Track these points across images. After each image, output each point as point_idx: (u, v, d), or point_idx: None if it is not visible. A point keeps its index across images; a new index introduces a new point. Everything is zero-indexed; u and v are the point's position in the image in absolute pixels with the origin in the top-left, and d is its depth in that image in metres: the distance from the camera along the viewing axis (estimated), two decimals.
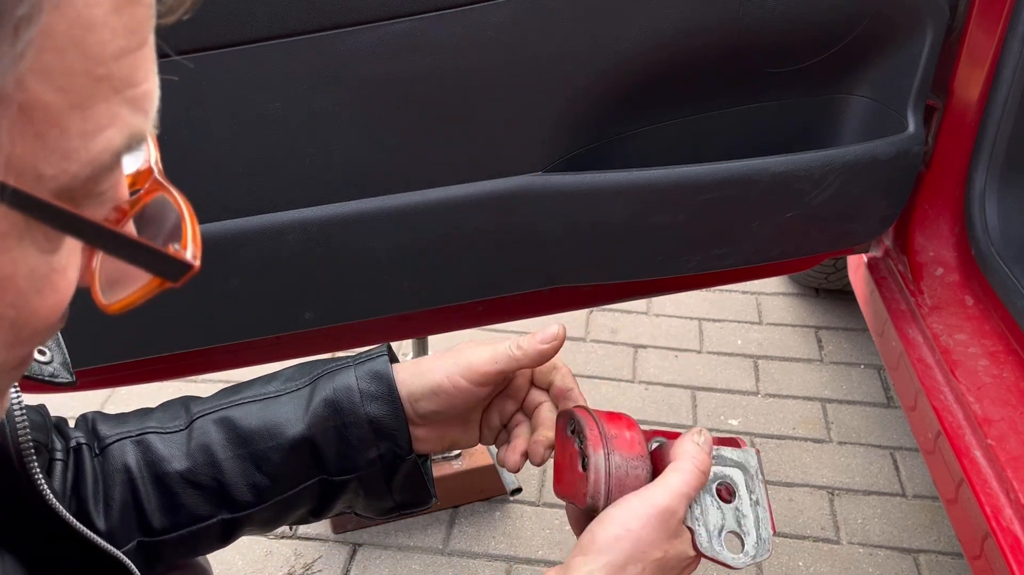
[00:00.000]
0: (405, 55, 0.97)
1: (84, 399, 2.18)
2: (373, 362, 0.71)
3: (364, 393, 0.69)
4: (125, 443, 0.70)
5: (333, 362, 0.73)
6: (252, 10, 0.91)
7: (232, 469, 0.68)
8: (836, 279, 2.39)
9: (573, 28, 1.00)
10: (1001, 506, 1.10)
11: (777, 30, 1.07)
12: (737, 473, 0.69)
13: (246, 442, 0.69)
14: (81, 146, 0.30)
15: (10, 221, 0.29)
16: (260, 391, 0.72)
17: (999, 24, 1.23)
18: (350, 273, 1.11)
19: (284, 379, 0.73)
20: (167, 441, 0.69)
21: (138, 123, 0.32)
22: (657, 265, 1.22)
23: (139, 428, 0.71)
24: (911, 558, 1.79)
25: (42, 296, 0.32)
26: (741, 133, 1.21)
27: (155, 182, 0.38)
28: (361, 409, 0.69)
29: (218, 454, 0.69)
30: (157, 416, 0.72)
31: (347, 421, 0.69)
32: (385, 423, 0.69)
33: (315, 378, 0.72)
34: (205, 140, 0.97)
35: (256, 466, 0.69)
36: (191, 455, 0.69)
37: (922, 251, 1.42)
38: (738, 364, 2.32)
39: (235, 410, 0.70)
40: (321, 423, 0.69)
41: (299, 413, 0.69)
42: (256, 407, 0.70)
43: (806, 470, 2.00)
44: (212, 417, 0.70)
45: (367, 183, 1.05)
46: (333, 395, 0.69)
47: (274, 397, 0.71)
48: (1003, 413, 1.20)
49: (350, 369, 0.71)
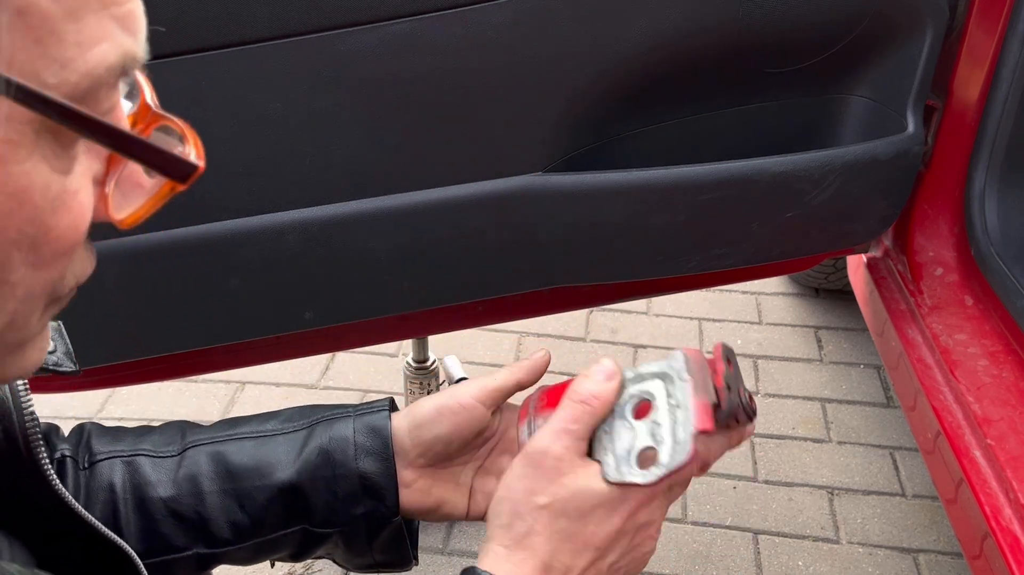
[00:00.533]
0: (405, 55, 0.97)
1: (84, 399, 2.18)
2: (373, 415, 0.70)
3: (359, 447, 0.68)
4: (115, 462, 0.69)
5: (334, 409, 0.72)
6: (252, 10, 0.91)
7: (215, 503, 0.68)
8: (836, 279, 2.39)
9: (573, 28, 1.00)
10: (1001, 506, 1.10)
11: (777, 30, 1.07)
12: (657, 384, 0.60)
13: (233, 478, 0.68)
14: (78, 55, 0.32)
15: (20, 131, 0.31)
16: (257, 428, 0.71)
17: (999, 24, 1.23)
18: (350, 273, 1.11)
19: (283, 419, 0.72)
20: (157, 465, 0.69)
21: (129, 44, 0.35)
22: (657, 265, 1.22)
23: (132, 449, 0.70)
24: (911, 558, 1.79)
25: (57, 216, 0.34)
26: (741, 133, 1.21)
27: (155, 115, 0.41)
28: (354, 463, 0.68)
29: (203, 486, 0.68)
30: (153, 439, 0.72)
31: (338, 473, 0.68)
32: (375, 480, 0.68)
33: (313, 423, 0.71)
34: (205, 140, 0.96)
35: (239, 504, 0.68)
36: (177, 483, 0.68)
37: (922, 251, 1.42)
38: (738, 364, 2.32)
39: (229, 444, 0.70)
40: (311, 471, 0.68)
41: (291, 457, 0.68)
42: (250, 444, 0.70)
43: (806, 470, 2.00)
44: (205, 448, 0.70)
45: (367, 183, 1.05)
46: (328, 444, 0.68)
47: (269, 436, 0.70)
48: (1003, 413, 1.20)
49: (349, 420, 0.70)
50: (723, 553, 1.81)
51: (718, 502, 1.92)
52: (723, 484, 1.96)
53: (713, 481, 1.96)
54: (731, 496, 1.93)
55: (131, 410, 2.17)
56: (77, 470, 0.69)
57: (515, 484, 0.59)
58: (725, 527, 1.86)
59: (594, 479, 0.58)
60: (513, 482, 0.59)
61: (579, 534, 0.57)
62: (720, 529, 1.86)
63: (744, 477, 1.98)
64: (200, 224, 1.02)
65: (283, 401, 2.18)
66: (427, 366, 1.76)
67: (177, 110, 1.07)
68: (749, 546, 1.82)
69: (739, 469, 2.00)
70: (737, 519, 1.88)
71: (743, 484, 1.96)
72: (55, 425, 0.73)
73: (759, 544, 1.82)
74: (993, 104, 1.28)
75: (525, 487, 0.58)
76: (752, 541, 1.83)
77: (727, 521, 1.88)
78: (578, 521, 0.57)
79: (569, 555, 0.57)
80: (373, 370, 2.30)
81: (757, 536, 1.84)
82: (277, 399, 2.19)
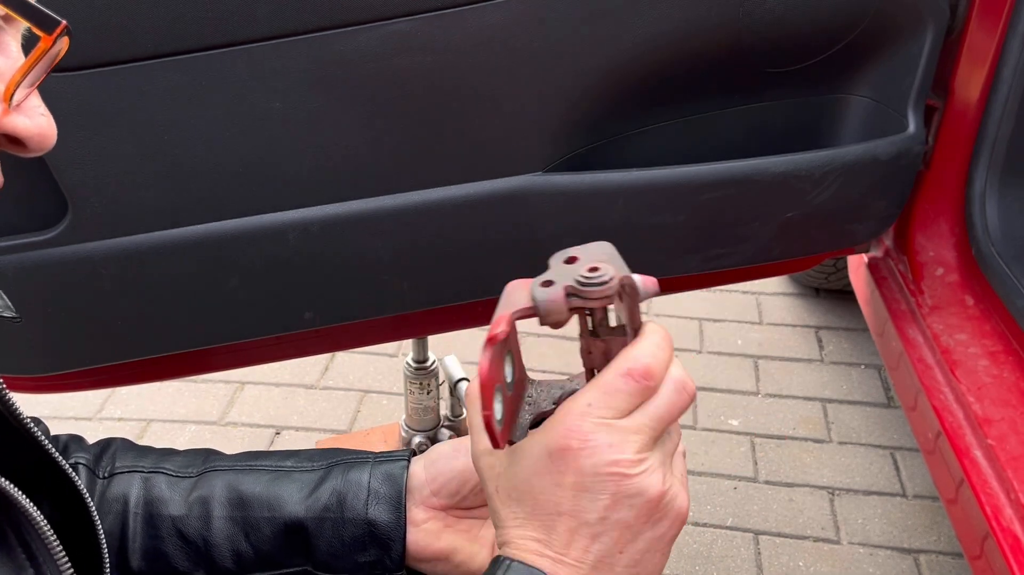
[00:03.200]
0: (405, 55, 0.97)
1: (84, 399, 2.18)
2: (391, 464, 0.69)
3: (373, 493, 0.67)
4: (135, 476, 0.70)
5: (356, 454, 0.71)
6: (252, 10, 0.91)
7: (221, 530, 0.67)
8: (836, 279, 2.39)
9: (573, 28, 1.00)
10: (1001, 506, 1.10)
11: (777, 30, 1.07)
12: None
13: (243, 506, 0.68)
14: None
15: None
16: (277, 463, 0.71)
17: (999, 24, 1.23)
18: (350, 273, 1.11)
19: (303, 457, 0.72)
20: (173, 484, 0.69)
21: None
22: (657, 265, 1.22)
23: (153, 466, 0.71)
24: (911, 558, 1.79)
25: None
26: (741, 133, 1.21)
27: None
28: (364, 508, 0.67)
29: (213, 511, 0.68)
30: (176, 459, 0.72)
31: (347, 516, 0.67)
32: (383, 530, 0.66)
33: (331, 464, 0.70)
34: (206, 140, 0.97)
35: (245, 533, 0.67)
36: (189, 504, 0.68)
37: (922, 251, 1.42)
38: (738, 364, 2.32)
39: (246, 474, 0.70)
40: (320, 511, 0.67)
41: (303, 494, 0.68)
42: (266, 476, 0.70)
43: (806, 470, 1.99)
44: (223, 474, 0.70)
45: (367, 183, 1.05)
46: (342, 487, 0.68)
47: (287, 471, 0.70)
48: (1003, 413, 1.20)
49: (367, 466, 0.69)
50: (723, 553, 1.81)
51: (718, 502, 1.92)
52: (723, 484, 1.96)
53: (713, 481, 1.96)
54: (731, 496, 1.93)
55: (131, 410, 2.17)
56: (93, 478, 0.69)
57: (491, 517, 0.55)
58: (726, 527, 1.86)
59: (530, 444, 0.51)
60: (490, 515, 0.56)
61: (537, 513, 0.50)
62: (720, 529, 1.86)
63: (744, 477, 1.98)
64: (200, 224, 1.02)
65: (283, 401, 2.18)
66: (427, 366, 1.76)
67: (177, 110, 1.07)
68: (750, 546, 1.82)
69: (739, 469, 2.00)
70: (737, 519, 1.88)
71: (743, 484, 1.96)
72: (79, 435, 0.74)
73: (760, 545, 1.82)
74: (994, 104, 1.28)
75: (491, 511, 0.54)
76: (753, 541, 1.83)
77: (727, 521, 1.88)
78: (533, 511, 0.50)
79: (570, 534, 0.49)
80: (373, 370, 2.30)
81: (758, 536, 1.84)
82: (277, 399, 2.19)
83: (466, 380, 1.81)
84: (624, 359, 0.50)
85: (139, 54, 0.90)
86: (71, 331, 1.10)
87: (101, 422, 2.14)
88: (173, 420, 2.14)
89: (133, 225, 1.01)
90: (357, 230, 1.07)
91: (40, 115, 0.46)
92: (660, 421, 0.49)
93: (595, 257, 0.51)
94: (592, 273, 0.49)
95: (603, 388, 0.49)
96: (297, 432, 2.10)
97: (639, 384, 0.49)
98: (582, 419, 0.48)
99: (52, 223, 1.00)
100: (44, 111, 0.47)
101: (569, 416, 0.49)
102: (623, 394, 0.49)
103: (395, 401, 2.19)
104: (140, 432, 2.11)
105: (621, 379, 0.49)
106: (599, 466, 0.48)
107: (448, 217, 1.08)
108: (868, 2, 1.10)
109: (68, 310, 1.07)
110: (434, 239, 1.10)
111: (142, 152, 0.97)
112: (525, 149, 1.08)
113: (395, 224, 1.07)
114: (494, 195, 1.08)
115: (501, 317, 0.49)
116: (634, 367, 0.49)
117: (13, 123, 0.45)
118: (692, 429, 2.09)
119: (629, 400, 0.49)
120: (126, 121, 0.94)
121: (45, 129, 0.46)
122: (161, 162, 0.98)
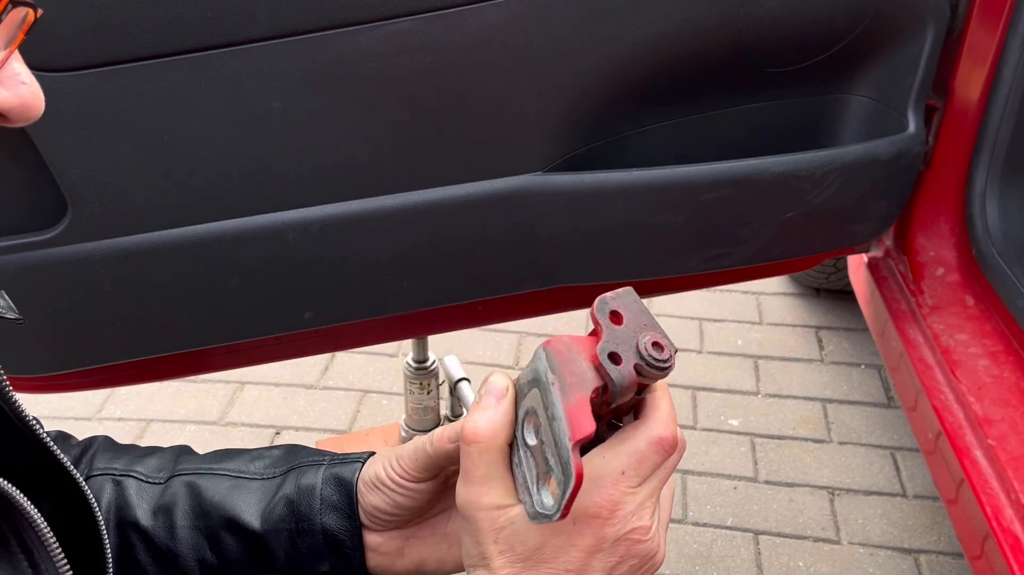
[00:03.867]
0: (405, 55, 0.97)
1: (84, 399, 2.18)
2: (342, 467, 0.66)
3: (325, 500, 0.64)
4: (107, 480, 0.68)
5: (311, 455, 0.69)
6: (252, 10, 0.91)
7: (185, 539, 0.66)
8: (836, 279, 2.39)
9: (573, 28, 1.00)
10: (1002, 506, 1.10)
11: (777, 30, 1.07)
12: (535, 394, 0.51)
13: (205, 515, 0.66)
14: None
15: None
16: (240, 467, 0.69)
17: (999, 24, 1.23)
18: (350, 273, 1.11)
19: (267, 463, 0.69)
20: (142, 490, 0.68)
21: None
22: (657, 265, 1.22)
23: (125, 469, 0.69)
24: (911, 558, 1.79)
25: None
26: (741, 133, 1.21)
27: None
28: (318, 517, 0.64)
29: (177, 520, 0.66)
30: (149, 462, 0.70)
31: (302, 527, 0.64)
32: (340, 538, 0.64)
33: (288, 470, 0.68)
34: (205, 140, 0.97)
35: (209, 543, 0.66)
36: (155, 513, 0.67)
37: (923, 251, 1.42)
38: (738, 364, 2.32)
39: (208, 479, 0.68)
40: (276, 523, 0.65)
41: (260, 506, 0.66)
42: (227, 483, 0.68)
43: (806, 470, 1.99)
44: (186, 479, 0.68)
45: (367, 183, 1.05)
46: (295, 495, 0.65)
47: (247, 479, 0.68)
48: (1003, 413, 1.20)
49: (319, 469, 0.66)
50: (723, 553, 1.81)
51: (718, 502, 1.92)
52: (723, 484, 1.96)
53: (713, 481, 1.96)
54: (732, 496, 1.93)
55: (131, 410, 2.17)
56: None
57: (465, 550, 0.53)
58: (726, 527, 1.86)
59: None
60: (463, 534, 0.53)
61: (549, 563, 0.50)
62: (721, 529, 1.86)
63: (745, 477, 1.98)
64: (200, 224, 1.02)
65: (283, 401, 2.18)
66: (427, 366, 1.76)
67: (177, 110, 1.07)
68: (750, 546, 1.82)
69: (740, 469, 2.00)
70: (738, 519, 1.88)
71: (743, 484, 1.96)
72: (65, 433, 0.73)
73: (760, 544, 1.82)
74: (994, 104, 1.28)
75: (472, 540, 0.52)
76: (753, 541, 1.83)
77: (728, 521, 1.88)
78: (537, 553, 0.50)
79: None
80: (373, 370, 2.30)
81: (758, 536, 1.84)
82: (277, 399, 2.19)
83: (467, 380, 1.81)
84: (654, 425, 0.51)
85: (139, 54, 0.90)
86: (71, 331, 1.10)
87: (101, 422, 2.14)
88: (173, 420, 2.14)
89: (133, 225, 1.01)
90: (357, 230, 1.07)
91: (20, 83, 0.42)
92: (664, 482, 0.52)
93: (640, 318, 0.52)
94: (658, 352, 0.50)
95: (636, 456, 0.50)
96: (297, 432, 2.09)
97: (667, 454, 0.51)
98: (614, 488, 0.49)
99: (52, 223, 1.00)
100: (26, 78, 0.43)
101: (603, 486, 0.50)
102: (651, 463, 0.50)
103: (395, 401, 2.19)
104: (140, 432, 2.11)
105: (653, 448, 0.50)
106: (620, 533, 0.49)
107: (448, 217, 1.08)
108: (868, 2, 1.10)
109: (68, 310, 1.07)
110: (434, 239, 1.10)
111: (142, 152, 0.97)
112: (525, 149, 1.08)
113: (395, 224, 1.07)
114: (494, 195, 1.08)
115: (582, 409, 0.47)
116: (664, 437, 0.50)
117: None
118: (692, 429, 2.09)
119: (654, 468, 0.51)
120: (126, 121, 0.94)
121: (27, 98, 0.42)
122: (161, 162, 0.98)
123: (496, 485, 0.51)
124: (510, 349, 2.36)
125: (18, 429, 0.56)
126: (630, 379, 0.49)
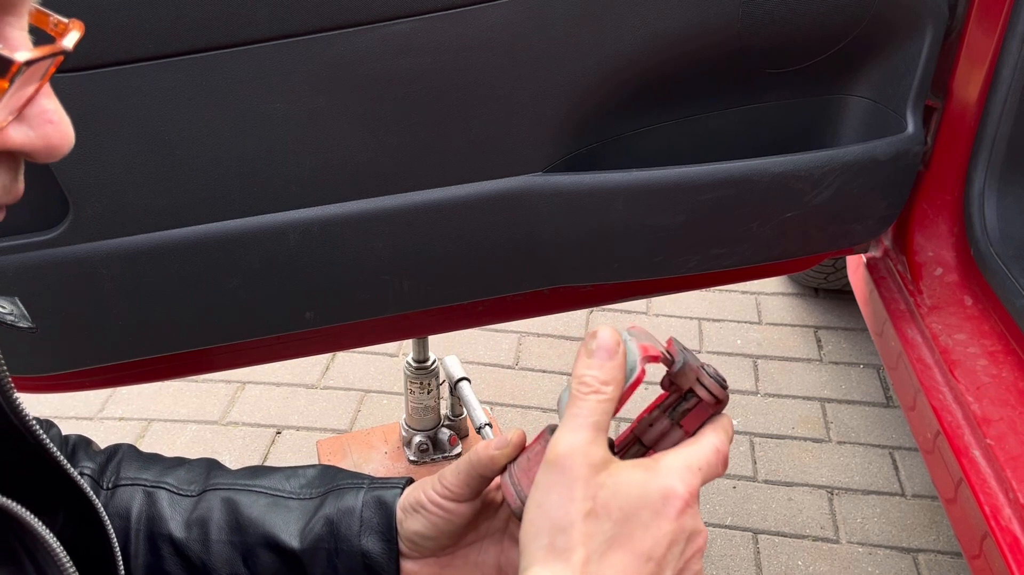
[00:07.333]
0: (405, 55, 0.97)
1: (84, 399, 2.19)
2: (384, 491, 0.66)
3: (365, 522, 0.65)
4: (137, 490, 0.69)
5: (351, 478, 0.70)
6: (252, 10, 0.91)
7: (219, 553, 0.67)
8: (835, 279, 2.40)
9: (573, 28, 1.00)
10: (1000, 506, 1.10)
11: (777, 31, 1.08)
12: None
13: (241, 531, 0.67)
14: None
15: None
16: (277, 486, 0.70)
17: (998, 24, 1.24)
18: (350, 273, 1.11)
19: (303, 483, 0.70)
20: (174, 502, 0.69)
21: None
22: (657, 265, 1.22)
23: (156, 480, 0.70)
24: (910, 557, 1.79)
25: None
26: (741, 133, 1.21)
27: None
28: (357, 539, 0.65)
29: (212, 534, 0.67)
30: (179, 473, 0.71)
31: (340, 547, 0.65)
32: (378, 560, 0.64)
33: (327, 491, 0.69)
34: (206, 140, 0.98)
35: (243, 559, 0.67)
36: (189, 525, 0.67)
37: (921, 251, 1.42)
38: (737, 364, 2.32)
39: (245, 495, 0.69)
40: (314, 542, 0.66)
41: (299, 525, 0.67)
42: (264, 501, 0.68)
43: (805, 470, 2.00)
44: (222, 494, 0.69)
45: (367, 183, 1.05)
46: (335, 515, 0.66)
47: (284, 498, 0.69)
48: (1002, 413, 1.20)
49: (360, 492, 0.67)
50: (723, 553, 1.81)
51: (718, 502, 1.92)
52: (723, 484, 1.97)
53: (713, 481, 1.97)
54: (731, 496, 1.94)
55: (131, 410, 2.18)
56: (97, 489, 0.69)
57: (546, 498, 0.49)
58: (725, 527, 1.86)
59: (636, 473, 0.50)
60: (543, 496, 0.49)
61: (630, 540, 0.49)
62: (720, 528, 1.86)
63: (744, 477, 1.98)
64: (201, 224, 1.03)
65: (283, 401, 2.18)
66: (427, 366, 1.76)
67: (179, 110, 1.07)
68: (749, 546, 1.82)
69: (739, 469, 2.00)
70: (737, 519, 1.88)
71: (743, 484, 1.96)
72: (87, 439, 0.73)
73: (759, 544, 1.83)
74: (993, 104, 1.28)
75: (560, 496, 0.49)
76: (752, 541, 1.83)
77: (727, 521, 1.88)
78: (625, 524, 0.49)
79: (624, 567, 0.48)
80: (373, 370, 2.30)
81: (757, 536, 1.84)
82: (277, 399, 2.19)
83: (467, 380, 1.82)
84: (720, 434, 0.55)
85: (140, 54, 0.91)
86: (72, 331, 1.11)
87: (102, 422, 2.14)
88: (174, 420, 2.15)
89: (134, 225, 1.01)
90: (358, 230, 1.07)
91: (46, 122, 0.41)
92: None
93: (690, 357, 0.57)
94: (719, 373, 0.55)
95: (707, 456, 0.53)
96: (298, 432, 2.10)
97: (723, 467, 0.55)
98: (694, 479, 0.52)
99: (54, 223, 1.01)
100: (53, 116, 0.42)
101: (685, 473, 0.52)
102: (715, 469, 0.54)
103: (395, 401, 2.20)
104: (141, 432, 2.11)
105: (717, 455, 0.54)
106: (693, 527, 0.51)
107: (448, 217, 1.09)
108: (867, 3, 1.10)
109: (69, 310, 1.07)
110: (434, 239, 1.10)
111: (144, 153, 0.97)
112: (525, 149, 1.08)
113: (395, 224, 1.08)
114: (494, 195, 1.09)
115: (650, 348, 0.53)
116: (722, 449, 0.54)
117: (8, 138, 0.40)
118: None
119: (714, 475, 0.54)
120: (128, 122, 0.95)
121: (52, 139, 0.42)
122: (163, 163, 0.98)
123: (604, 441, 0.51)
124: (510, 349, 2.36)
125: (30, 445, 0.56)
126: (691, 366, 0.54)
